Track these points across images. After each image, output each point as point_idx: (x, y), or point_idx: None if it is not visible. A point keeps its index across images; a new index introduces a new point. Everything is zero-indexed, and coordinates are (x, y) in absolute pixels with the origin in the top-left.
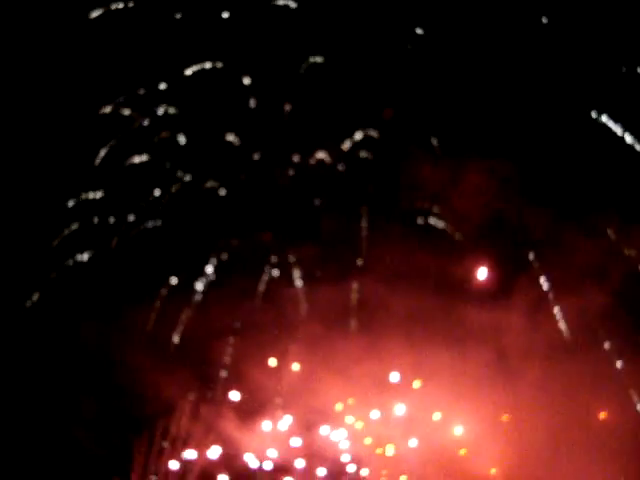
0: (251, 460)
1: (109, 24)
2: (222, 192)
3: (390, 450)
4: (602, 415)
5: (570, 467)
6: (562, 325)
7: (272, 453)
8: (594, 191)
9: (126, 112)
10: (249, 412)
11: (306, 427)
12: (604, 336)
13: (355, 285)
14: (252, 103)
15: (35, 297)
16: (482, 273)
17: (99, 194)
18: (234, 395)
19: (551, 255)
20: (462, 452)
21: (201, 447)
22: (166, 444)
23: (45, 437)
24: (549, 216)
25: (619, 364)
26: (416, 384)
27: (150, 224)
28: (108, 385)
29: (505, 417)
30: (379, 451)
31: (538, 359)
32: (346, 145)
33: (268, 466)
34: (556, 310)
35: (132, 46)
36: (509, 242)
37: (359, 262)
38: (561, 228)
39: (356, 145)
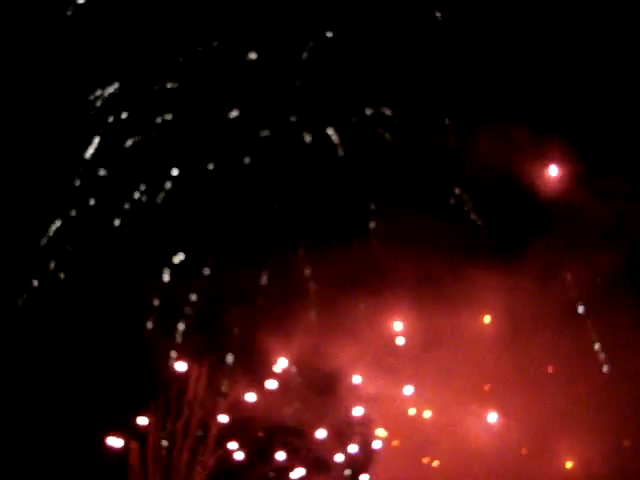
0: (264, 425)
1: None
2: (228, 169)
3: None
4: None
5: None
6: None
7: (284, 417)
8: (607, 156)
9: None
10: (261, 377)
11: (317, 392)
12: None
13: (364, 250)
14: (258, 80)
15: (49, 268)
16: (553, 170)
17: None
18: (247, 361)
19: (564, 220)
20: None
21: (215, 411)
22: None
23: (60, 404)
24: (562, 181)
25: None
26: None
27: (157, 200)
28: (122, 352)
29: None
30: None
31: (549, 325)
32: (356, 121)
33: (280, 430)
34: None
35: (133, 21)
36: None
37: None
38: (574, 193)
39: (367, 121)
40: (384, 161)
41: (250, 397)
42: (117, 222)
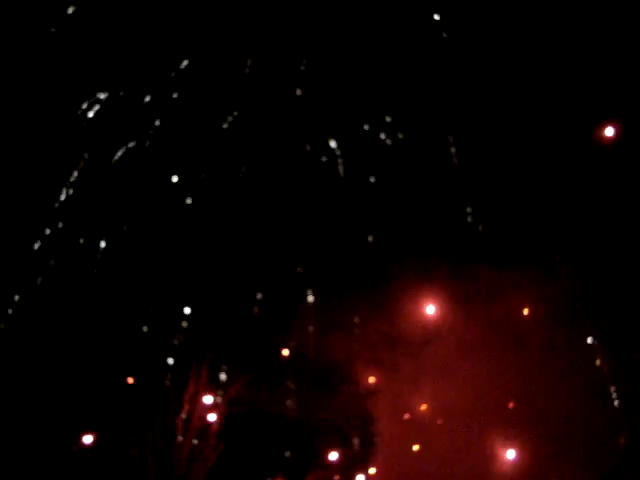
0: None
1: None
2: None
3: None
4: None
5: None
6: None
7: (284, 412)
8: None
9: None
10: (261, 372)
11: (316, 385)
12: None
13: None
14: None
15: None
16: (610, 131)
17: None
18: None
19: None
20: None
21: (218, 407)
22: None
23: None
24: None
25: None
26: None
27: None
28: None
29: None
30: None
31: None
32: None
33: (280, 425)
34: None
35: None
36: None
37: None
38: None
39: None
40: (385, 170)
41: (249, 392)
42: (116, 222)
